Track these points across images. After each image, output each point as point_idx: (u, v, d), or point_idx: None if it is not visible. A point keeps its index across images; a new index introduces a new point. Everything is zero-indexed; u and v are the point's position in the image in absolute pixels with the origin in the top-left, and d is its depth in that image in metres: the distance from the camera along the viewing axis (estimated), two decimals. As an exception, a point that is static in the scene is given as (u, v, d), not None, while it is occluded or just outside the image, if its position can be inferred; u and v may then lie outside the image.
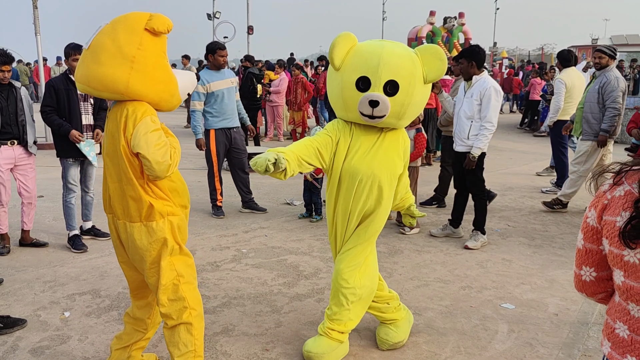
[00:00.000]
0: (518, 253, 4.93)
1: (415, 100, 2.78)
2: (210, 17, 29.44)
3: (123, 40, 2.33)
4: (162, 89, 2.45)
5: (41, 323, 3.50)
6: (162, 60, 2.43)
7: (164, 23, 2.38)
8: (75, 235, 4.93)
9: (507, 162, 9.69)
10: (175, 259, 2.56)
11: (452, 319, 3.61)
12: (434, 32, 21.84)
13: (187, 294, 2.57)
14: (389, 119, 2.77)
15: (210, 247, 5.02)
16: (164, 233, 2.50)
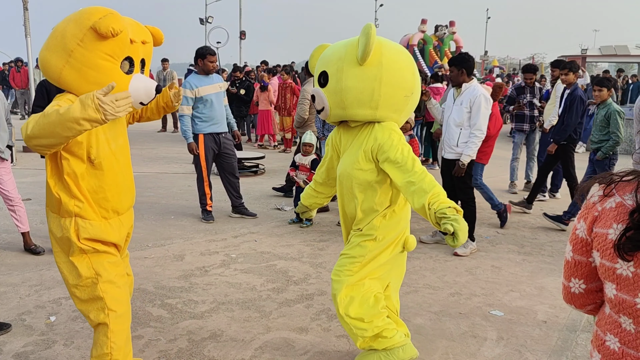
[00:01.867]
0: (507, 260, 4.95)
1: (349, 85, 2.58)
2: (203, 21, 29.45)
3: (69, 31, 2.29)
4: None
5: (26, 327, 3.45)
6: (102, 63, 2.31)
7: (108, 26, 2.23)
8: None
9: (497, 169, 9.72)
10: (93, 257, 2.46)
11: (441, 325, 3.60)
12: (425, 40, 22.00)
13: (106, 294, 2.45)
14: (334, 110, 2.68)
15: (199, 252, 4.99)
16: (68, 233, 2.41)
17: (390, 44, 2.68)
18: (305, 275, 4.44)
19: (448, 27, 22.23)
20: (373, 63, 2.56)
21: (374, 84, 2.57)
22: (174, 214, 6.31)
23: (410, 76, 2.68)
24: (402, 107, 2.70)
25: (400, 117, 2.77)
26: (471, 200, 5.14)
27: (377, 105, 2.61)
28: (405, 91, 2.66)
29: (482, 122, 4.90)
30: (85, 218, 2.42)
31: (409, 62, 2.70)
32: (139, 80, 2.45)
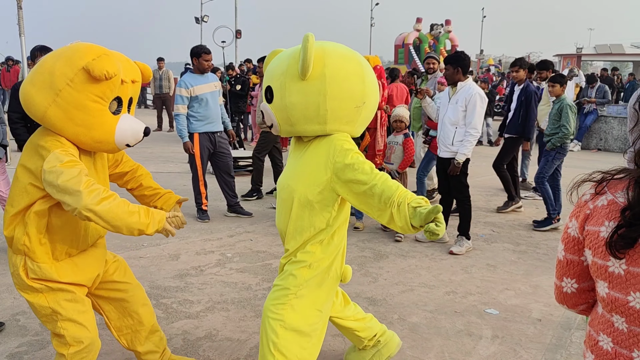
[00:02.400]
0: (503, 259, 4.96)
1: (293, 101, 2.38)
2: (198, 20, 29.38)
3: (58, 69, 2.18)
4: (80, 132, 2.24)
5: (20, 328, 3.43)
6: (92, 105, 2.22)
7: (102, 69, 2.15)
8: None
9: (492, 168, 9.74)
10: (49, 296, 2.35)
11: (436, 324, 3.61)
12: (420, 39, 21.99)
13: (66, 331, 2.37)
14: (283, 126, 2.49)
15: (195, 252, 4.98)
16: (17, 269, 2.33)
17: (336, 52, 2.44)
18: (301, 274, 4.44)
19: (444, 26, 22.23)
20: (315, 76, 2.35)
21: (319, 98, 2.36)
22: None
23: (359, 85, 2.43)
24: (353, 118, 2.47)
25: (354, 128, 2.54)
26: (466, 199, 5.15)
27: (325, 120, 2.41)
28: (354, 102, 2.43)
29: (477, 120, 4.91)
30: (35, 260, 2.31)
31: (357, 70, 2.45)
32: (127, 122, 2.37)
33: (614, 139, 12.45)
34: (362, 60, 2.52)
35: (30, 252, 2.30)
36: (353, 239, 5.43)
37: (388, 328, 3.50)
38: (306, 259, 2.48)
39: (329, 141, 2.43)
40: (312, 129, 2.45)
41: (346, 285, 4.22)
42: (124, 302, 2.69)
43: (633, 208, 1.16)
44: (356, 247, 5.20)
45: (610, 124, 12.50)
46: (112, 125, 2.31)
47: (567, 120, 5.75)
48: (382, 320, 3.62)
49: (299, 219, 2.48)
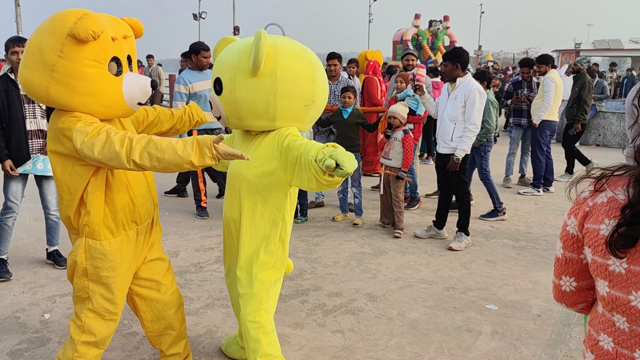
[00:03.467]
0: (502, 254, 4.96)
1: (242, 96, 2.38)
2: (196, 17, 29.33)
3: (45, 44, 2.08)
4: (89, 102, 2.18)
5: (20, 325, 3.43)
6: (89, 70, 2.13)
7: (86, 29, 2.04)
8: (0, 261, 4.25)
9: (492, 163, 9.73)
10: (92, 285, 2.37)
11: (435, 319, 3.61)
12: (419, 35, 21.96)
13: (87, 319, 2.39)
14: (231, 119, 2.50)
15: (194, 248, 4.98)
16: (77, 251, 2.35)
17: (288, 50, 2.43)
18: (300, 270, 4.44)
19: (442, 22, 22.20)
20: (266, 74, 2.35)
21: (269, 96, 2.37)
22: (169, 210, 6.29)
23: (309, 85, 2.45)
24: (302, 116, 2.51)
25: (302, 125, 2.57)
26: (466, 195, 5.15)
27: (274, 117, 2.43)
28: (304, 101, 2.45)
29: (476, 116, 4.90)
30: (96, 238, 2.33)
31: (307, 70, 2.45)
32: (132, 81, 2.29)
33: (612, 135, 12.45)
34: (314, 59, 2.52)
35: (92, 230, 2.31)
36: (352, 235, 5.43)
37: (387, 324, 3.52)
38: (269, 259, 2.53)
39: (276, 133, 2.47)
40: (260, 124, 2.47)
41: (346, 281, 4.22)
42: (159, 304, 2.67)
43: (633, 206, 1.14)
44: (355, 243, 5.20)
45: (609, 120, 12.50)
46: (117, 87, 2.24)
47: (489, 116, 5.98)
48: (382, 316, 3.63)
49: (253, 213, 2.50)
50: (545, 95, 7.21)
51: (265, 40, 2.29)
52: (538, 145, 7.41)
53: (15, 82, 4.06)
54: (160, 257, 2.70)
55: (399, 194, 5.55)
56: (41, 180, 4.36)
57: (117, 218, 2.35)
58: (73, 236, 2.43)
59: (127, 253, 2.44)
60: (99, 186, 2.28)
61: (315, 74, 2.48)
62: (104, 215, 2.31)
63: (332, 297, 3.94)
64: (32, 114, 4.17)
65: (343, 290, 4.07)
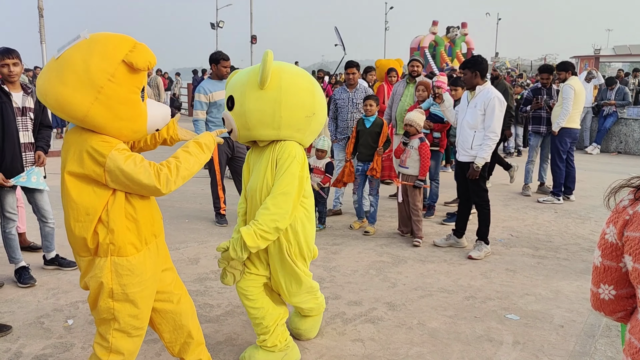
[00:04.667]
0: (522, 263, 4.91)
1: (251, 107, 2.77)
2: (214, 26, 29.62)
3: (95, 65, 2.10)
4: (124, 126, 2.24)
5: (45, 330, 3.49)
6: (132, 97, 2.22)
7: (144, 59, 2.16)
8: (21, 268, 4.31)
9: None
10: (117, 305, 2.35)
11: (456, 329, 3.59)
12: (436, 42, 21.93)
13: (114, 340, 2.39)
14: (241, 131, 2.86)
15: (214, 256, 5.01)
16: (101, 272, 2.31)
17: (291, 69, 2.87)
18: (319, 279, 4.45)
19: (460, 29, 22.15)
20: (272, 87, 2.76)
21: (275, 105, 2.76)
22: (188, 217, 6.35)
23: (310, 98, 2.86)
24: (304, 126, 2.88)
25: (304, 136, 2.93)
26: (486, 204, 5.12)
27: (279, 126, 2.80)
28: (305, 112, 2.84)
29: (496, 124, 4.89)
30: (122, 254, 2.32)
31: (308, 85, 2.87)
32: (154, 108, 2.40)
33: (634, 142, 12.27)
34: (312, 78, 2.94)
35: (117, 248, 2.30)
36: (371, 244, 5.43)
37: (407, 333, 3.51)
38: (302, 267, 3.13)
39: (281, 145, 2.85)
40: (267, 133, 2.83)
41: (365, 290, 4.22)
42: (175, 315, 2.67)
43: None
44: (374, 251, 5.20)
45: (631, 127, 12.32)
46: (145, 113, 2.33)
47: None
48: (402, 325, 3.62)
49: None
50: (565, 102, 7.14)
51: (271, 57, 2.71)
52: (557, 153, 7.34)
53: (9, 94, 4.09)
54: (169, 267, 2.71)
55: (417, 202, 5.53)
56: (33, 192, 4.40)
57: (140, 233, 2.37)
58: (84, 259, 2.35)
59: (150, 266, 2.45)
60: (120, 203, 2.29)
61: (314, 90, 2.90)
62: (127, 231, 2.32)
63: (351, 305, 3.94)
64: (25, 126, 4.19)
65: (362, 299, 4.06)
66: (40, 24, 12.18)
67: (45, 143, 4.38)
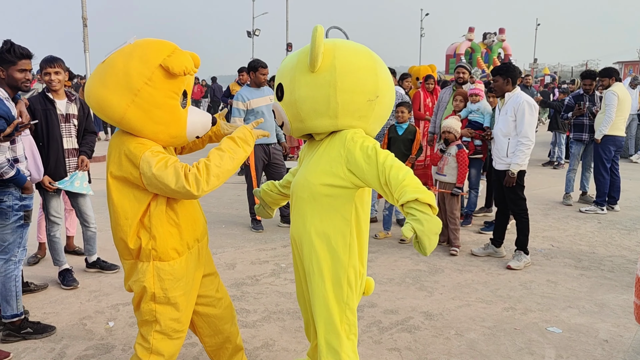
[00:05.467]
0: (564, 275, 4.78)
1: (302, 94, 2.32)
2: (250, 34, 30.02)
3: (134, 69, 2.16)
4: (160, 130, 2.26)
5: (87, 332, 3.58)
6: (169, 102, 2.23)
7: (181, 64, 2.17)
8: (65, 270, 4.44)
9: (551, 180, 9.45)
10: (159, 307, 2.39)
11: (495, 340, 3.51)
12: (472, 49, 21.68)
13: (155, 341, 2.42)
14: (294, 123, 2.43)
15: (250, 261, 5.05)
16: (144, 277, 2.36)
17: (347, 45, 2.38)
18: (355, 286, 4.42)
19: (497, 35, 21.84)
20: (325, 68, 2.29)
21: (329, 90, 2.29)
22: (225, 222, 6.42)
23: (372, 77, 2.33)
24: (367, 112, 2.36)
25: (368, 124, 2.40)
26: (523, 212, 5.01)
27: (335, 114, 2.32)
28: (367, 95, 2.32)
29: (527, 129, 4.81)
30: (164, 259, 2.35)
31: (368, 63, 2.35)
32: (195, 114, 2.39)
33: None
34: (375, 55, 2.42)
35: (159, 253, 2.33)
36: (407, 252, 5.37)
37: (445, 343, 3.45)
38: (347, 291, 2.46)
39: (341, 135, 2.34)
40: (323, 123, 2.36)
41: (401, 299, 4.17)
42: (215, 319, 2.70)
43: None
44: (410, 260, 5.14)
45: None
46: (184, 119, 2.33)
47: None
48: (439, 335, 3.56)
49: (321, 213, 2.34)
50: (607, 109, 6.94)
51: (321, 33, 2.26)
52: (601, 161, 7.12)
53: (53, 101, 4.21)
54: (212, 272, 2.73)
55: (455, 210, 5.45)
56: (76, 197, 4.51)
57: (182, 238, 2.39)
58: (127, 262, 2.40)
59: (191, 271, 2.48)
60: (162, 209, 2.31)
61: (377, 68, 2.37)
62: (170, 237, 2.35)
63: (387, 314, 3.90)
64: (69, 132, 4.31)
65: (399, 307, 4.02)
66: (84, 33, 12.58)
67: (89, 148, 4.50)
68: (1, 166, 3.22)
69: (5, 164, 3.23)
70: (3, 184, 3.30)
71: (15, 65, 3.37)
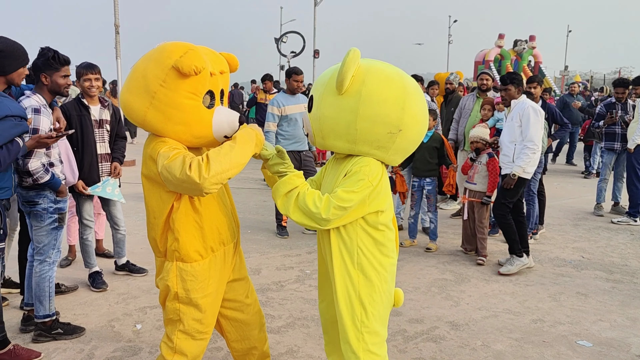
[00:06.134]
0: (595, 287, 4.67)
1: (325, 113, 2.32)
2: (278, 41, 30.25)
3: (150, 72, 2.23)
4: (180, 130, 2.29)
5: (115, 334, 3.64)
6: (186, 102, 2.25)
7: (190, 64, 2.17)
8: (95, 273, 4.53)
9: (582, 190, 9.25)
10: (183, 307, 2.43)
11: (523, 353, 3.45)
12: (502, 55, 21.42)
13: (178, 340, 2.45)
14: (317, 137, 2.44)
15: (275, 267, 5.08)
16: (167, 275, 2.41)
17: (380, 72, 2.31)
18: (380, 294, 4.40)
19: (527, 42, 21.54)
20: (352, 93, 2.26)
21: (350, 116, 2.27)
22: (250, 228, 6.47)
23: (396, 111, 2.26)
24: (386, 144, 2.30)
25: (387, 155, 2.35)
26: (502, 217, 5.00)
27: (354, 140, 2.30)
28: (388, 127, 2.27)
29: (533, 133, 4.79)
30: (187, 260, 2.39)
31: (396, 95, 2.27)
32: (222, 114, 2.38)
33: None
34: (409, 86, 2.34)
35: (182, 254, 2.38)
36: (433, 261, 5.32)
37: (471, 354, 3.40)
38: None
39: (357, 159, 2.34)
40: (341, 145, 2.36)
41: (427, 308, 4.14)
42: (244, 325, 2.72)
43: None
44: (436, 269, 5.09)
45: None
46: (208, 119, 2.34)
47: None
48: (465, 346, 3.51)
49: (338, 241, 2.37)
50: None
51: (353, 57, 2.24)
52: (634, 171, 6.95)
53: (88, 107, 4.30)
54: (243, 277, 2.74)
55: (483, 219, 5.38)
56: (107, 200, 4.58)
57: (205, 241, 2.42)
58: (158, 259, 2.48)
59: (215, 274, 2.50)
60: (185, 212, 2.34)
61: (406, 100, 2.29)
62: (192, 239, 2.38)
63: (412, 323, 3.87)
64: (102, 138, 4.39)
65: (424, 316, 3.98)
66: (116, 40, 12.86)
67: (121, 154, 4.61)
68: (36, 171, 3.32)
69: (40, 169, 3.33)
70: (38, 187, 3.40)
71: (58, 71, 3.46)
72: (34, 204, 3.41)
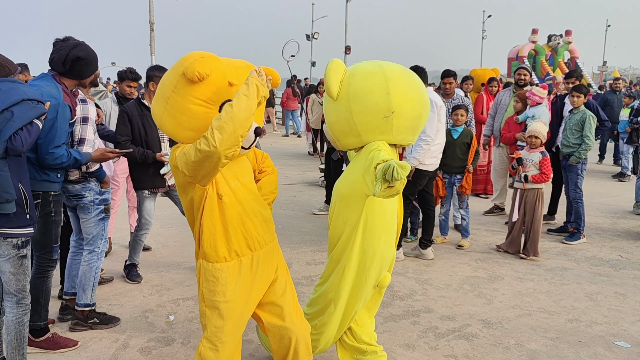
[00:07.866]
0: (633, 287, 4.53)
1: (330, 120, 2.84)
2: (309, 37, 30.28)
3: (167, 78, 2.33)
4: (192, 137, 2.32)
5: (149, 325, 3.71)
6: (193, 108, 2.28)
7: (193, 70, 2.20)
8: (131, 265, 4.57)
9: (620, 187, 8.99)
10: (207, 311, 2.46)
11: (558, 353, 3.37)
12: (536, 51, 20.96)
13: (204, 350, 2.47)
14: (335, 142, 2.93)
15: (305, 262, 5.09)
16: (197, 273, 2.50)
17: (363, 70, 2.73)
18: (411, 291, 4.37)
19: (562, 37, 21.01)
20: (343, 96, 2.72)
21: (347, 114, 2.71)
22: (281, 223, 6.50)
23: (382, 97, 2.64)
24: (386, 128, 2.70)
25: (391, 137, 2.74)
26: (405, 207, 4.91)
27: (358, 133, 2.73)
28: (381, 113, 2.66)
29: (427, 126, 4.63)
30: (209, 260, 2.43)
31: (379, 83, 2.65)
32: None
33: None
34: (390, 72, 2.69)
35: (204, 253, 2.43)
36: (465, 259, 5.25)
37: (504, 353, 3.35)
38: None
39: (367, 146, 2.74)
40: (352, 141, 2.81)
41: (459, 305, 4.09)
42: (283, 331, 2.66)
43: None
44: (469, 266, 5.02)
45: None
46: None
47: (590, 130, 5.71)
48: (498, 345, 3.46)
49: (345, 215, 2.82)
50: None
51: (331, 67, 2.70)
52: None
53: (148, 107, 4.35)
54: (278, 278, 2.70)
55: (538, 215, 5.22)
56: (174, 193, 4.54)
57: (230, 243, 2.42)
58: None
59: (242, 281, 2.47)
60: (211, 209, 2.37)
61: (389, 86, 2.65)
62: (215, 239, 2.39)
63: (444, 320, 3.83)
64: (163, 137, 4.40)
65: (456, 314, 3.93)
66: (150, 37, 13.09)
67: None
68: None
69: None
70: (84, 180, 3.50)
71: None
72: (80, 197, 3.51)
